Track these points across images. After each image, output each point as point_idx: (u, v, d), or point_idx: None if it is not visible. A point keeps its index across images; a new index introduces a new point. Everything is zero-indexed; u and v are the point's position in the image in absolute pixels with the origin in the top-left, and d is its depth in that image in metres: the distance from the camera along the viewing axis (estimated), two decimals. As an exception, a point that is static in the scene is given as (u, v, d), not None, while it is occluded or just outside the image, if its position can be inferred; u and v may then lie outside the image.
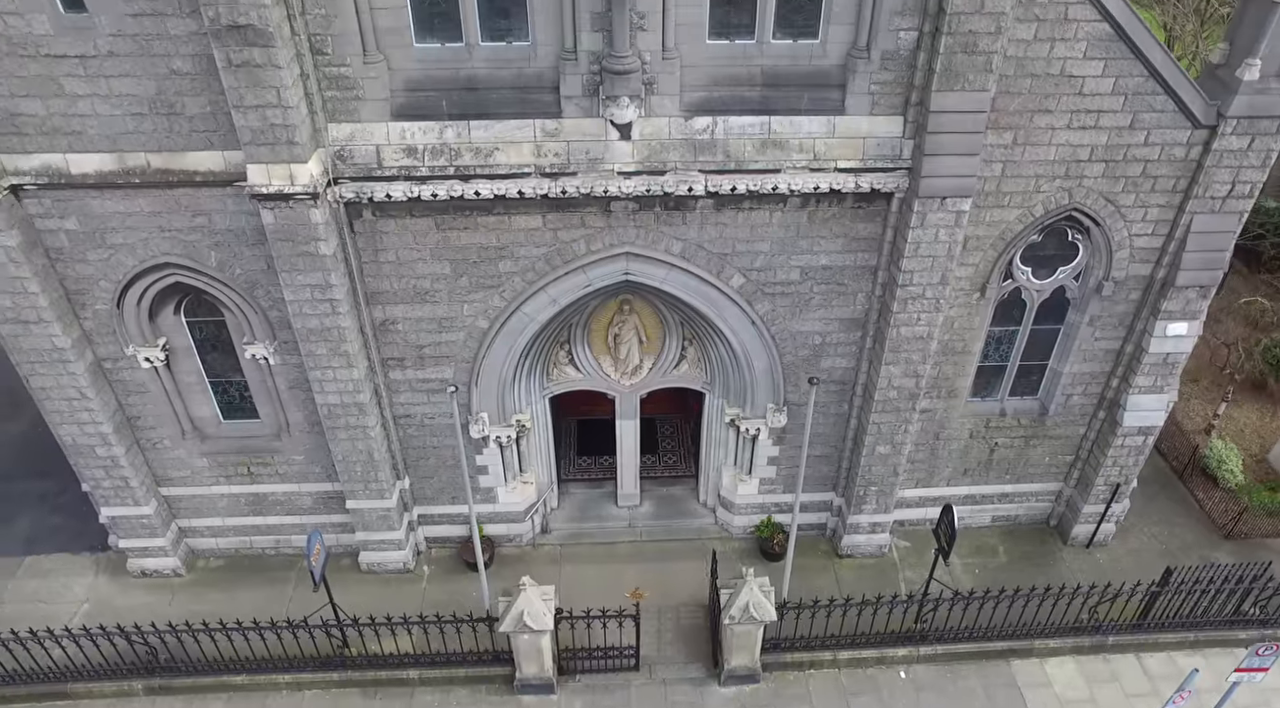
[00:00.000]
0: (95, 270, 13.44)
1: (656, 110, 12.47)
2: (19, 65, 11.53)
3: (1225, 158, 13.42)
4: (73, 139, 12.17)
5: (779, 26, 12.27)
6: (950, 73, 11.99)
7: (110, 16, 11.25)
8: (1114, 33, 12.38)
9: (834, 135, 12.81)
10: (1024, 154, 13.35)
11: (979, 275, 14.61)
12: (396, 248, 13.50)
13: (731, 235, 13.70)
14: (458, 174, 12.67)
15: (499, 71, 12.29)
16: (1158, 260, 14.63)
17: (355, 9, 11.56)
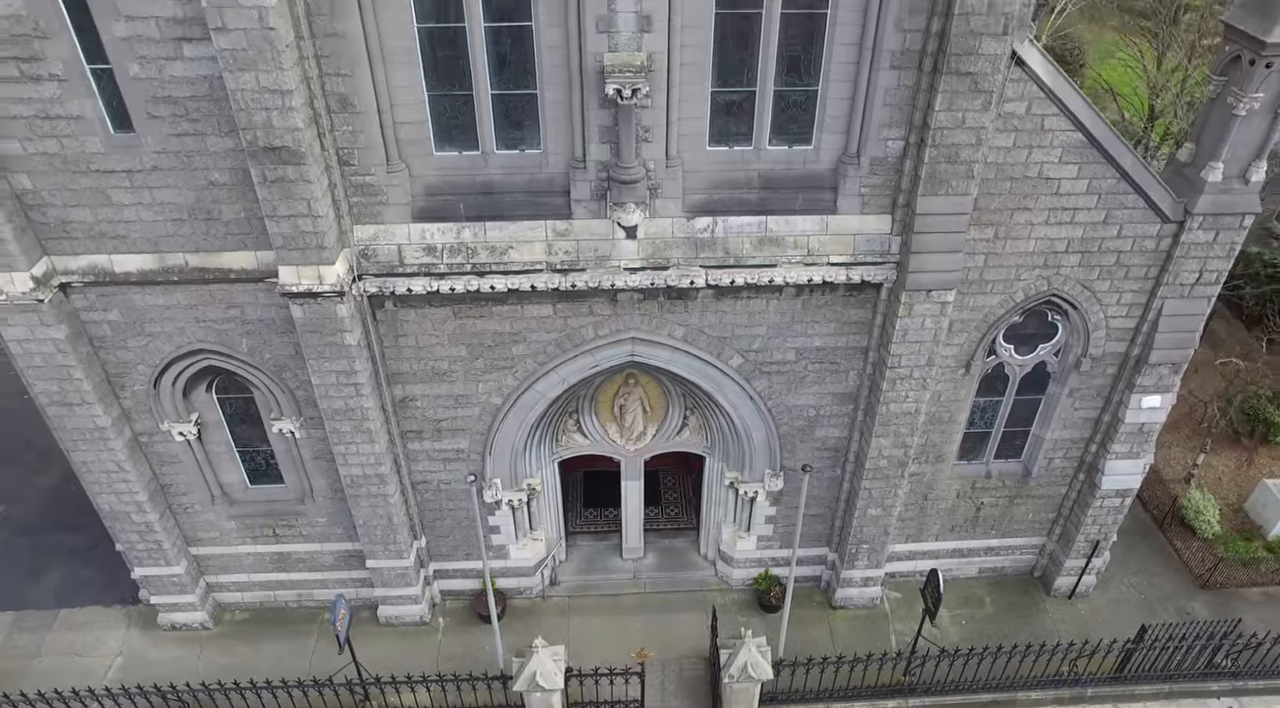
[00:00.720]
0: (134, 356, 14.35)
1: (660, 212, 13.38)
2: (72, 179, 12.44)
3: (1193, 249, 14.32)
4: (117, 242, 13.08)
5: (775, 134, 13.19)
6: (934, 179, 12.89)
7: (155, 136, 12.16)
8: (1086, 141, 13.28)
9: (826, 232, 13.71)
10: (1005, 247, 14.26)
11: (964, 353, 15.52)
12: (416, 334, 14.41)
13: (731, 321, 14.60)
14: (474, 270, 13.57)
15: (513, 177, 13.22)
16: (1132, 339, 15.54)
17: (380, 124, 12.47)
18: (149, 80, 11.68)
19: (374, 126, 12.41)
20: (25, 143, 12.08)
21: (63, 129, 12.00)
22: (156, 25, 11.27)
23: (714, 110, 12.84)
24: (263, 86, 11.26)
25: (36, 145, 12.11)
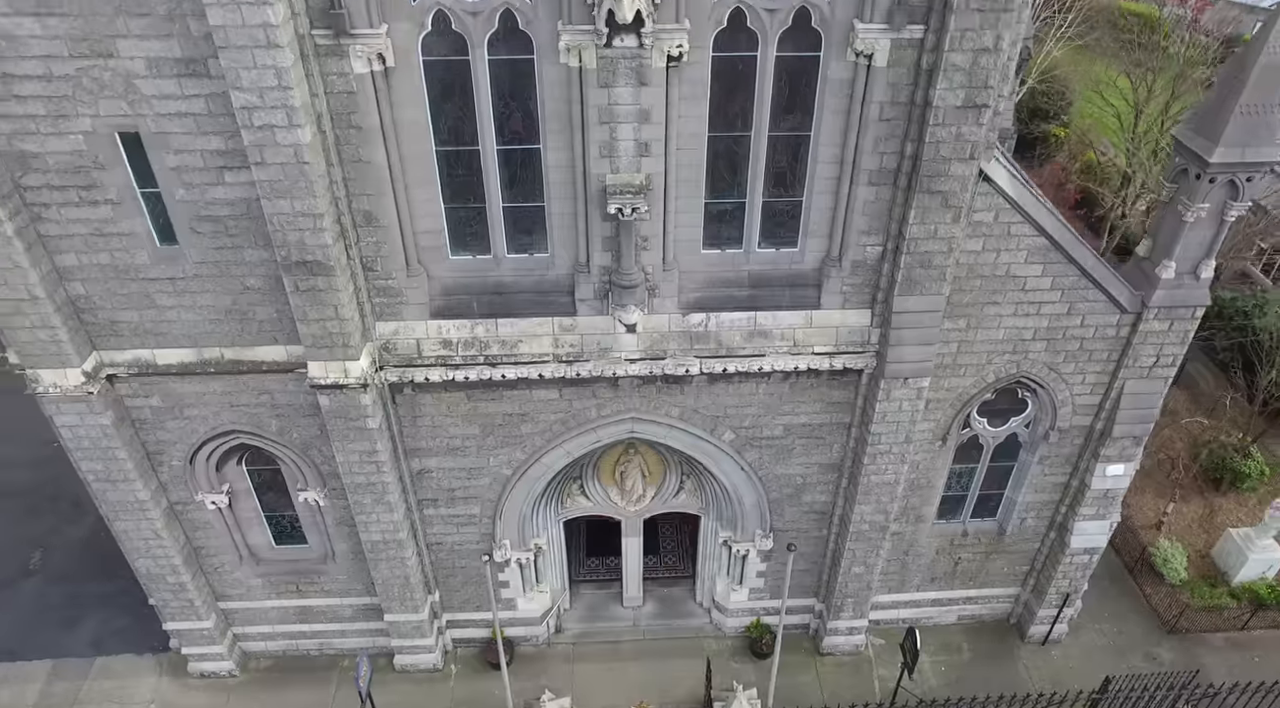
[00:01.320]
0: (172, 436, 15.53)
1: (658, 309, 14.55)
2: (121, 286, 13.61)
3: (1150, 337, 15.51)
4: (160, 338, 14.26)
5: (764, 239, 14.37)
6: (910, 281, 14.05)
7: (197, 249, 13.33)
8: (1049, 244, 14.46)
9: (811, 326, 14.88)
10: (976, 335, 15.44)
11: (941, 427, 16.70)
12: (432, 415, 15.59)
13: (723, 402, 15.77)
14: (487, 361, 14.74)
15: (522, 278, 14.40)
16: (1096, 414, 16.72)
17: (401, 235, 13.64)
18: (193, 202, 12.87)
19: (395, 238, 13.59)
20: (80, 255, 13.26)
21: (115, 244, 13.18)
22: (202, 157, 12.44)
23: (707, 218, 14.03)
24: (296, 211, 12.45)
25: (91, 258, 13.29)
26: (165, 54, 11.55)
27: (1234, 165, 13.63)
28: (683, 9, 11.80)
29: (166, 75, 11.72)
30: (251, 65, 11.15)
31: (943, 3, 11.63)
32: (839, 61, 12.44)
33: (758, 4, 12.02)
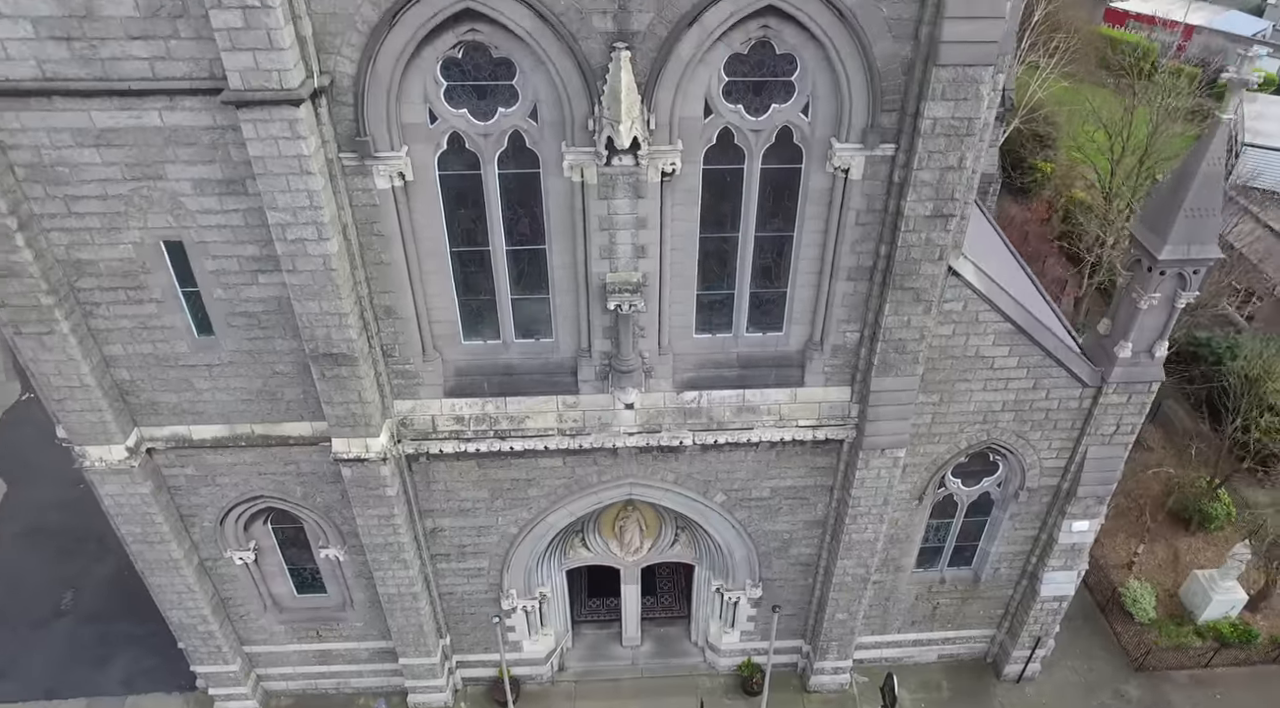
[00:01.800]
0: (204, 501, 16.78)
1: (654, 388, 15.78)
2: (161, 372, 14.85)
3: (1110, 409, 16.74)
4: (196, 416, 15.49)
5: (751, 324, 15.60)
6: (885, 364, 15.27)
7: (232, 339, 14.57)
8: (1015, 329, 15.70)
9: (795, 402, 16.12)
10: (949, 408, 16.68)
11: (917, 488, 17.93)
12: (445, 481, 16.82)
13: (715, 467, 17.01)
14: (496, 435, 15.97)
15: (529, 361, 15.63)
16: (1062, 475, 17.95)
17: (418, 326, 14.87)
18: (229, 300, 14.10)
19: (413, 328, 14.81)
20: (126, 346, 14.48)
21: (157, 336, 14.42)
22: (238, 262, 13.67)
23: (699, 307, 15.27)
24: (324, 310, 13.68)
25: (135, 348, 14.52)
26: (208, 176, 12.79)
27: (1181, 261, 14.86)
28: (675, 131, 13.03)
29: (209, 193, 12.95)
30: (286, 189, 12.39)
31: (911, 127, 12.86)
32: (819, 173, 13.67)
33: (744, 125, 13.26)
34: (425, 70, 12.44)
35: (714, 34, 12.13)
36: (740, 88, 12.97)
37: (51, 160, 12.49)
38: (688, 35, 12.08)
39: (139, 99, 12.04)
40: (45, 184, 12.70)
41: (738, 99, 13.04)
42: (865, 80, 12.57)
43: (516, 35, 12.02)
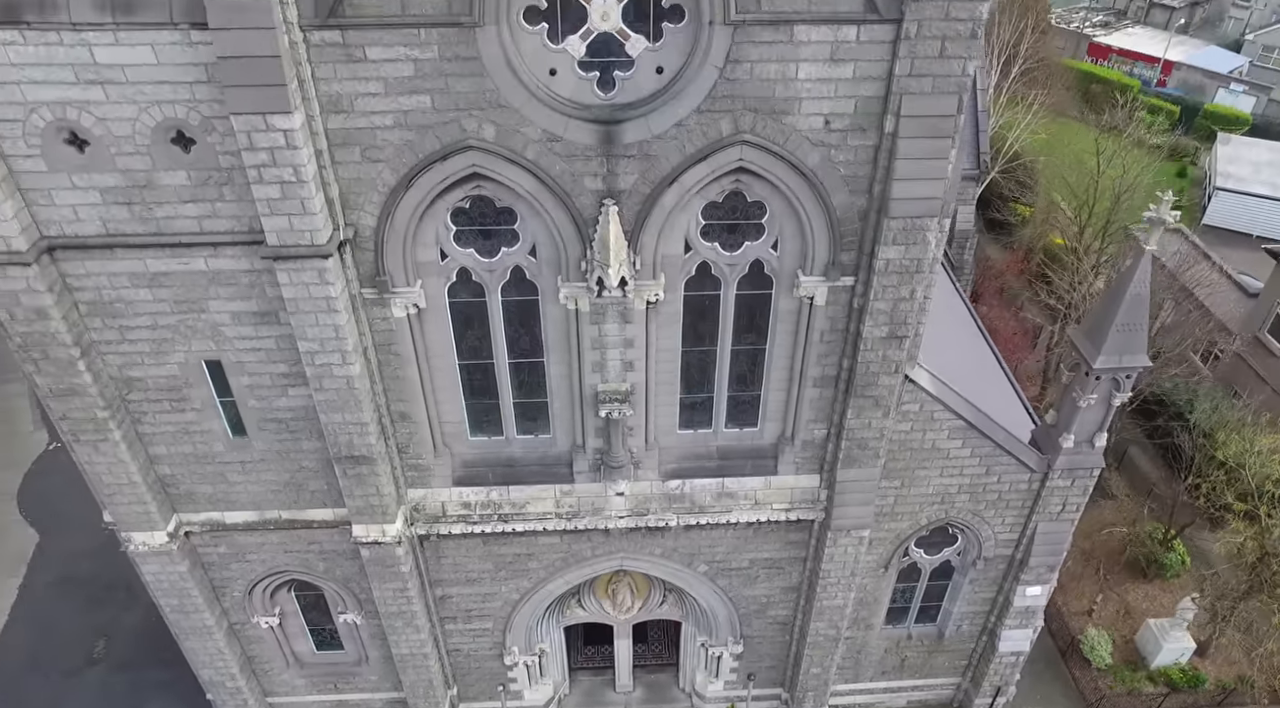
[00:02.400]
0: (235, 575, 18.50)
1: (642, 478, 17.48)
2: (200, 467, 16.56)
3: (1056, 491, 18.46)
4: (229, 504, 17.21)
5: (729, 421, 17.30)
6: (850, 458, 16.97)
7: (263, 440, 16.28)
8: (967, 425, 17.40)
9: (770, 488, 17.82)
10: (910, 491, 18.39)
11: (883, 558, 19.65)
12: (454, 556, 18.53)
13: (698, 543, 18.72)
14: (499, 518, 17.69)
15: (529, 453, 17.33)
16: (1015, 547, 19.66)
17: (429, 427, 16.57)
18: (262, 408, 15.81)
19: (425, 429, 16.52)
20: (169, 447, 16.19)
21: (196, 438, 16.12)
22: (270, 378, 15.38)
23: (682, 408, 16.97)
24: (347, 421, 15.38)
25: (177, 448, 16.23)
26: (245, 309, 14.49)
27: (1114, 369, 16.56)
28: (659, 266, 14.72)
29: (245, 323, 14.66)
30: (315, 324, 14.08)
31: (868, 264, 14.56)
32: (787, 299, 15.36)
33: (719, 260, 14.95)
34: (437, 218, 14.13)
35: (691, 190, 13.83)
36: (716, 229, 14.66)
37: (110, 298, 14.19)
38: (669, 192, 13.76)
39: (187, 249, 13.75)
40: (104, 317, 14.40)
41: (714, 238, 14.74)
42: (826, 225, 14.26)
43: (518, 192, 13.73)
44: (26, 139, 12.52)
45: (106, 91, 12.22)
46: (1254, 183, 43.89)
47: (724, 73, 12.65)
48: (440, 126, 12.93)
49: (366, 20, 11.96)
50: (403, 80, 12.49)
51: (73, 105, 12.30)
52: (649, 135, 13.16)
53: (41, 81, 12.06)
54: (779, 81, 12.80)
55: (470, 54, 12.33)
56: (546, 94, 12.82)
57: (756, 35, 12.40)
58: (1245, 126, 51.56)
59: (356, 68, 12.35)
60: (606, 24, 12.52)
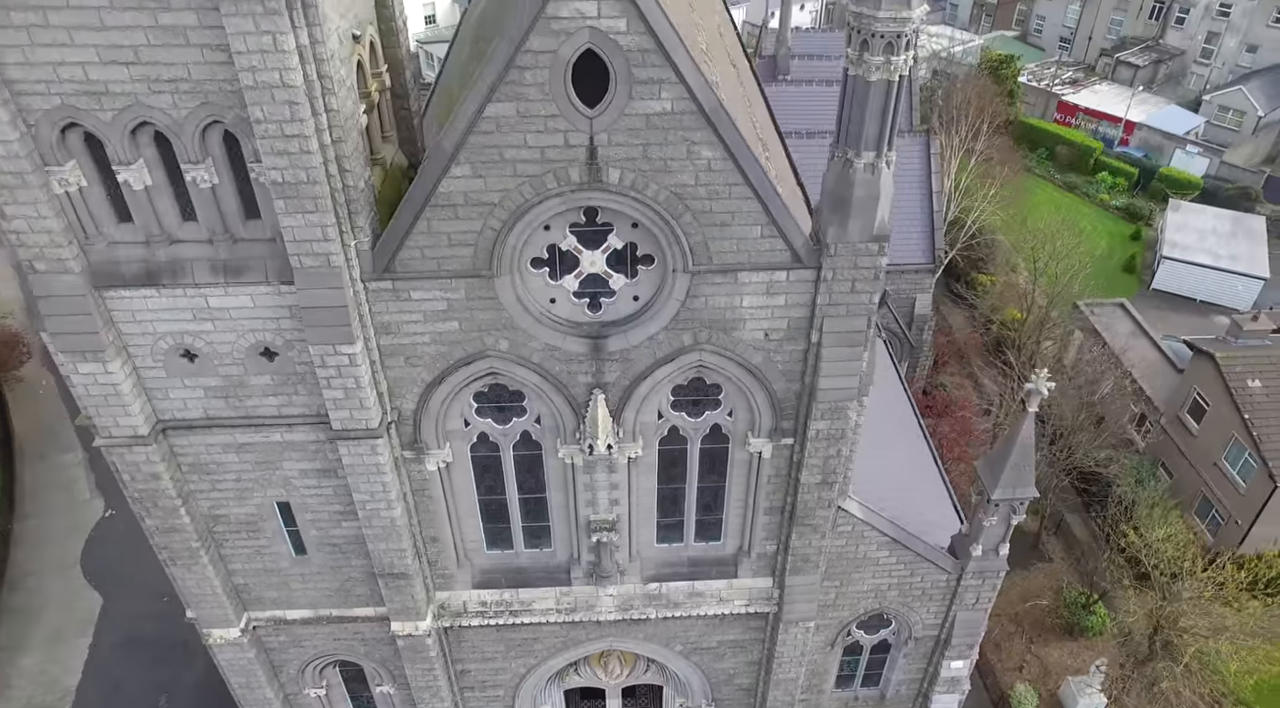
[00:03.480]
0: (291, 657, 22.39)
1: (626, 582, 21.35)
2: (268, 578, 20.45)
3: (969, 588, 22.32)
4: (289, 605, 21.10)
5: (697, 537, 21.19)
6: (795, 568, 20.83)
7: (320, 558, 20.16)
8: (892, 540, 21.26)
9: (731, 588, 21.69)
10: (848, 589, 22.28)
11: (829, 638, 23.55)
12: (472, 641, 22.43)
13: (674, 630, 22.60)
14: (510, 614, 21.57)
15: (534, 563, 21.22)
16: (940, 629, 23.55)
17: (454, 546, 20.45)
18: (320, 535, 19.70)
19: (450, 548, 20.41)
20: (244, 564, 20.07)
21: (266, 557, 20.01)
22: (328, 514, 19.27)
23: (658, 528, 20.85)
24: (389, 548, 19.27)
25: (250, 564, 20.11)
26: (311, 467, 18.37)
27: (1009, 499, 20.43)
28: (637, 432, 18.57)
29: (310, 477, 18.54)
30: (367, 482, 17.96)
31: (803, 430, 18.40)
32: (740, 452, 19.22)
33: (686, 425, 18.81)
34: (461, 400, 17.99)
35: (662, 381, 17.70)
36: (683, 402, 18.51)
37: (205, 461, 18.07)
38: (644, 383, 17.61)
39: (268, 427, 17.63)
40: (200, 473, 18.28)
41: (681, 409, 18.59)
42: (769, 403, 18.11)
43: (526, 384, 17.59)
44: (153, 356, 16.40)
45: (215, 324, 16.11)
46: (1198, 251, 47.66)
47: (685, 304, 16.52)
48: (465, 342, 16.80)
49: (411, 274, 15.83)
50: (437, 312, 16.37)
51: (189, 334, 16.18)
52: (628, 345, 17.04)
53: (168, 320, 15.95)
54: (728, 308, 16.67)
55: (489, 294, 16.20)
56: (548, 317, 16.70)
57: (709, 279, 16.27)
58: (1197, 191, 55.27)
59: (402, 304, 16.22)
60: (594, 268, 16.40)
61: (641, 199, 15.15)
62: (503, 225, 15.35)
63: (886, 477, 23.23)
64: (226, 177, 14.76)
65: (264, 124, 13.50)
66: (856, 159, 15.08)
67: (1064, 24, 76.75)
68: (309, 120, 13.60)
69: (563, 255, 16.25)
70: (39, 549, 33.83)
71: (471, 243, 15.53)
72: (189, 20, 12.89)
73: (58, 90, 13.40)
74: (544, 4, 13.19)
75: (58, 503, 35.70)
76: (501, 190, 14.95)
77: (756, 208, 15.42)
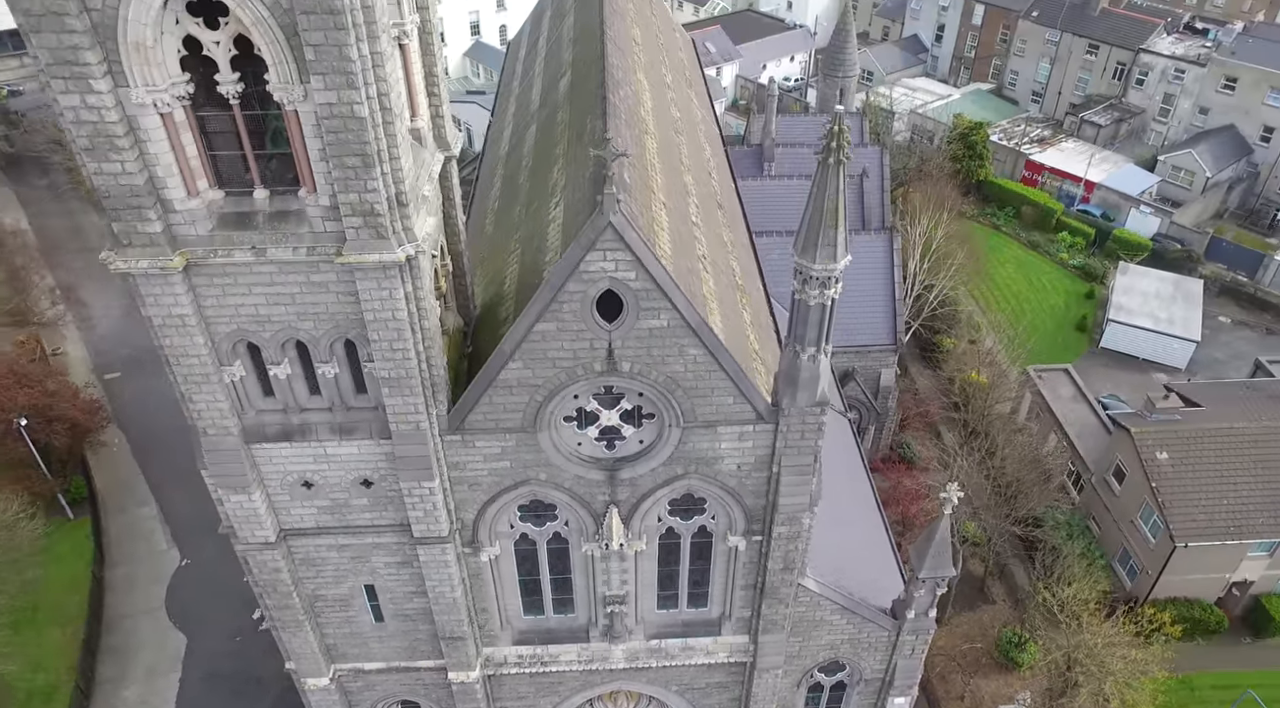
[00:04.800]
0: (365, 698, 28.08)
1: (634, 639, 27.05)
2: (352, 638, 26.11)
3: (906, 642, 27.98)
4: (367, 658, 26.76)
5: (688, 604, 26.85)
6: (765, 629, 26.49)
7: (394, 625, 25.81)
8: (842, 607, 26.92)
9: (716, 643, 27.38)
10: (809, 643, 27.91)
11: (795, 681, 29.23)
12: (511, 684, 28.08)
13: (671, 674, 28.28)
14: (540, 664, 27.23)
15: (561, 626, 26.92)
16: (885, 673, 29.23)
17: (499, 613, 26.10)
18: (395, 608, 25.35)
19: (496, 617, 26.08)
20: (335, 629, 25.74)
21: (353, 624, 25.66)
22: (404, 594, 24.92)
23: (658, 599, 26.53)
24: (450, 619, 24.92)
25: (339, 630, 25.78)
26: (394, 560, 24.02)
27: (931, 577, 26.07)
28: (641, 532, 24.22)
29: (392, 567, 24.20)
30: (437, 571, 23.63)
31: (769, 531, 24.03)
32: (722, 545, 24.88)
33: (679, 526, 24.47)
34: (509, 511, 23.64)
35: (661, 498, 23.35)
36: (677, 510, 24.16)
37: (313, 557, 23.74)
38: (648, 500, 23.28)
39: (362, 532, 23.29)
40: (307, 565, 23.94)
41: (675, 514, 24.24)
42: (742, 513, 23.77)
43: (558, 500, 23.24)
44: (282, 487, 22.06)
45: (329, 465, 21.78)
46: (1140, 315, 53.25)
47: (678, 447, 22.18)
48: (513, 474, 22.48)
49: (476, 430, 21.49)
50: (493, 455, 22.03)
51: (310, 472, 21.85)
52: (635, 475, 22.69)
53: (295, 463, 21.61)
54: (709, 450, 22.32)
55: (532, 442, 21.85)
56: (575, 456, 22.36)
57: (696, 431, 21.92)
58: (1146, 252, 60.84)
59: (469, 450, 21.89)
60: (610, 422, 22.06)
61: (645, 382, 20.83)
62: (544, 399, 21.01)
63: (844, 549, 28.98)
64: (345, 368, 20.43)
65: (379, 342, 19.17)
66: (802, 352, 20.73)
67: (1035, 79, 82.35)
68: (409, 338, 19.27)
69: (587, 413, 21.91)
70: (128, 594, 39.53)
71: (521, 409, 21.19)
72: (331, 278, 18.55)
73: (236, 320, 19.07)
74: (579, 262, 18.85)
75: (140, 553, 41.38)
76: (544, 377, 20.62)
77: (729, 386, 21.08)
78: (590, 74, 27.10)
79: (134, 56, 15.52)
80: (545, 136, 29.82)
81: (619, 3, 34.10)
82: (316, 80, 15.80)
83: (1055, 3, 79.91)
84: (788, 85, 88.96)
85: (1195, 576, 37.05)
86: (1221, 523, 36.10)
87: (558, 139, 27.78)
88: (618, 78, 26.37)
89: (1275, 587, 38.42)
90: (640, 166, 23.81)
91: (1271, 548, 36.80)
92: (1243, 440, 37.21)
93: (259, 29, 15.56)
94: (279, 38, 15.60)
